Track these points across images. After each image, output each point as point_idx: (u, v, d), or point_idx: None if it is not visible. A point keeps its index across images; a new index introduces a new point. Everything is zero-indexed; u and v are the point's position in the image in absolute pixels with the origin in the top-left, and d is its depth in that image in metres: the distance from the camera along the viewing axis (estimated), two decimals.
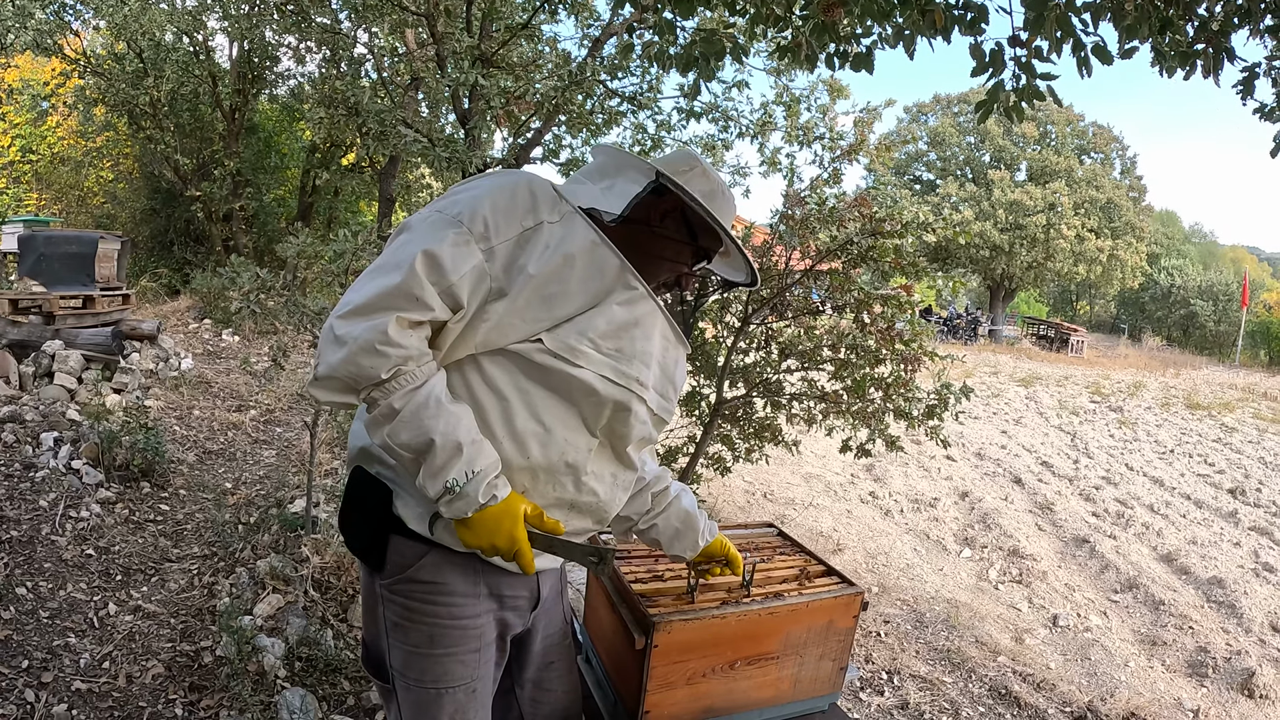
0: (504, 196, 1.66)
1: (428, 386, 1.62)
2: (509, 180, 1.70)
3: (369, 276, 1.62)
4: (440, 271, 1.58)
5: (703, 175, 1.90)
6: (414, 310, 1.58)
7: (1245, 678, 5.13)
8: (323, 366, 1.59)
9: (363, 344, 1.55)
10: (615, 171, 1.87)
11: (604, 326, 1.71)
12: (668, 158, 1.92)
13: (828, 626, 2.27)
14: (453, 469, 1.61)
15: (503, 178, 1.71)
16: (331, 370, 1.58)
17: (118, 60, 13.42)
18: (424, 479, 1.63)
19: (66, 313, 7.65)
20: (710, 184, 1.89)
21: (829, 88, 7.10)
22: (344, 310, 1.59)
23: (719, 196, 1.90)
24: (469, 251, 1.61)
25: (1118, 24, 2.67)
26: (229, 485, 5.83)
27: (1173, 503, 9.22)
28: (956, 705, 4.31)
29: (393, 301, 1.57)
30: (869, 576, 6.07)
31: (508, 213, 1.66)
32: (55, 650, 3.51)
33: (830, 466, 9.25)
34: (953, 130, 34.83)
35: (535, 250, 1.66)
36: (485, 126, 6.51)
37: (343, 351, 1.56)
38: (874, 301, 4.44)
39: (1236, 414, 16.83)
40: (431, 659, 1.80)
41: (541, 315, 1.67)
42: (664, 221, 1.89)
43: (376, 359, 1.55)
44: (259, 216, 16.16)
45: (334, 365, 1.58)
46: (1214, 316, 37.33)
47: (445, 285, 1.59)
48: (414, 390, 1.60)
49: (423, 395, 1.61)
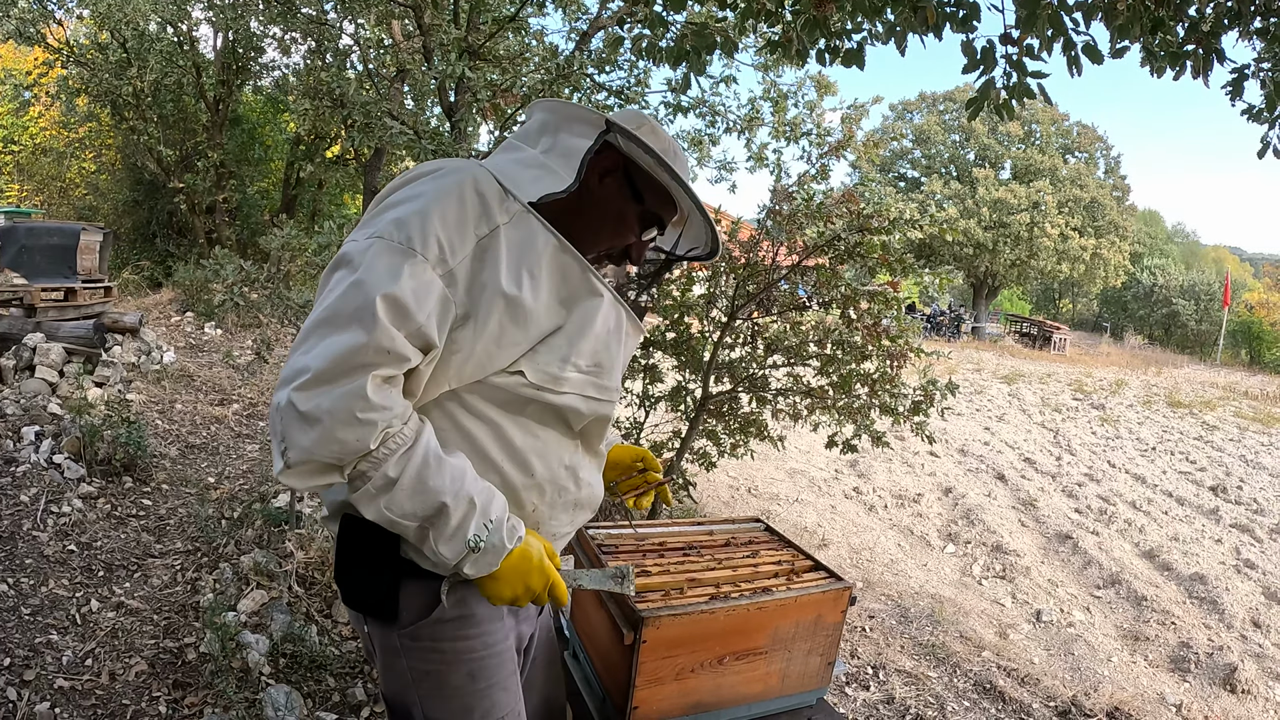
0: (452, 206, 1.48)
1: (422, 444, 1.46)
2: (452, 184, 1.50)
3: (320, 331, 1.41)
4: (406, 315, 1.40)
5: (653, 132, 1.71)
6: (388, 365, 1.40)
7: (1227, 673, 5.17)
8: (294, 451, 1.38)
9: (340, 417, 1.36)
10: (557, 127, 1.67)
11: (588, 349, 1.62)
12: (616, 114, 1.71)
13: (816, 621, 2.27)
14: (471, 525, 1.49)
15: (442, 181, 1.51)
16: (307, 454, 1.38)
17: (101, 50, 13.32)
18: (438, 544, 1.48)
19: (48, 305, 7.60)
20: (663, 141, 1.71)
21: (816, 84, 7.11)
22: (302, 379, 1.37)
23: (674, 155, 1.72)
24: (429, 281, 1.44)
25: (1110, 24, 2.67)
26: (212, 480, 5.79)
27: (1155, 500, 9.28)
28: (942, 700, 4.33)
29: (362, 359, 1.38)
30: (853, 572, 6.08)
31: (459, 224, 1.48)
32: (37, 648, 3.48)
33: (814, 462, 9.26)
34: (938, 128, 34.92)
35: (494, 262, 1.50)
36: (471, 119, 6.49)
37: (316, 430, 1.36)
38: (860, 297, 4.45)
39: (1218, 412, 16.96)
40: (476, 695, 1.68)
41: (517, 338, 1.54)
42: (604, 182, 1.71)
43: (360, 429, 1.37)
44: (242, 209, 16.08)
45: (309, 448, 1.37)
46: (1196, 316, 37.61)
47: (414, 328, 1.42)
48: (408, 452, 1.44)
49: (419, 455, 1.45)
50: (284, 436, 1.38)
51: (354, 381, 1.37)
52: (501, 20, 6.67)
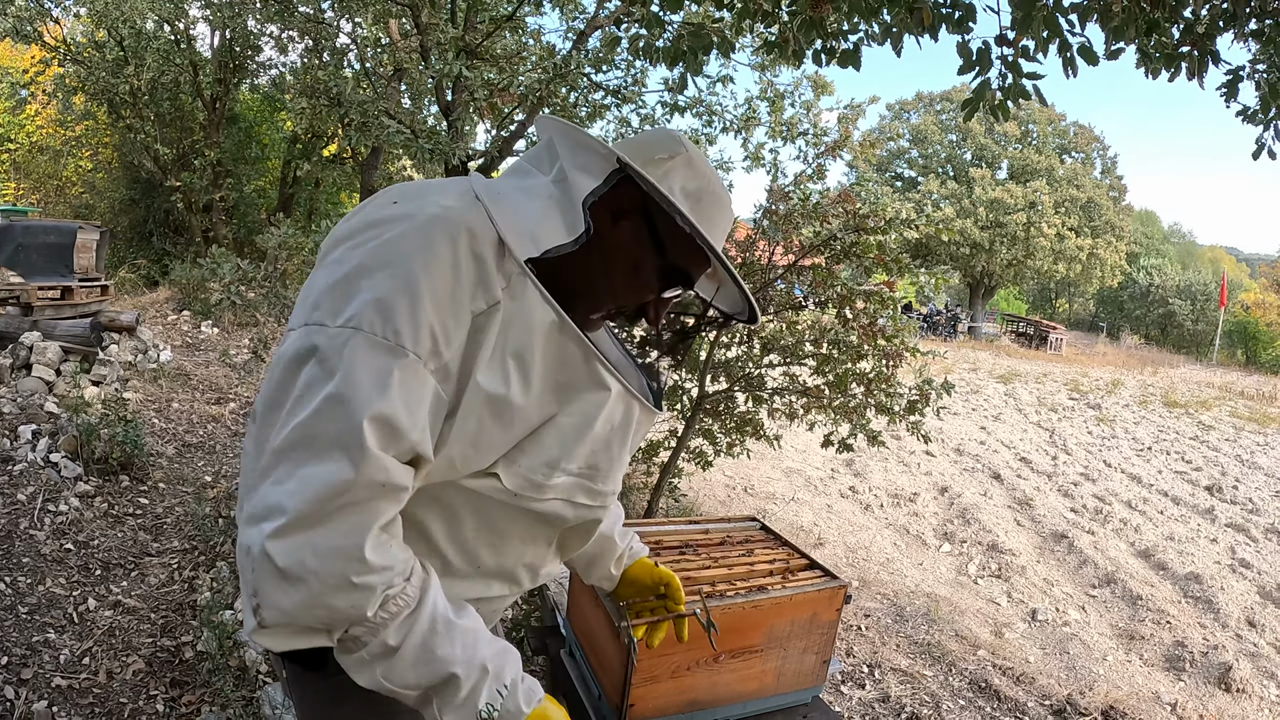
0: (445, 277, 1.17)
1: (428, 606, 1.21)
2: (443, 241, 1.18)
3: (295, 456, 1.12)
4: (398, 434, 1.14)
5: (688, 166, 1.38)
6: (384, 503, 1.15)
7: (1222, 672, 5.19)
8: (271, 612, 1.13)
9: (330, 580, 1.11)
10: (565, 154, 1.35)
11: (583, 452, 1.36)
12: (641, 140, 1.41)
13: (811, 620, 2.28)
14: (484, 694, 1.23)
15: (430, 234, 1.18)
16: (288, 618, 1.13)
17: (98, 48, 13.30)
18: (443, 713, 1.23)
19: (44, 304, 7.58)
20: (699, 179, 1.39)
21: (813, 84, 7.13)
22: (278, 523, 1.09)
23: (709, 198, 1.40)
24: (422, 383, 1.17)
25: (1105, 25, 2.68)
26: (209, 478, 5.79)
27: (1150, 499, 9.30)
28: (937, 698, 4.34)
29: (352, 497, 1.11)
30: (849, 571, 6.10)
31: (453, 302, 1.18)
32: (35, 646, 3.48)
33: (811, 461, 9.28)
34: (935, 128, 34.95)
35: (486, 348, 1.21)
36: (468, 118, 6.50)
37: (299, 591, 1.11)
38: (856, 297, 4.46)
39: (1214, 412, 17.00)
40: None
41: (496, 440, 1.27)
42: (619, 225, 1.37)
43: (356, 595, 1.13)
44: (239, 207, 16.07)
45: (290, 611, 1.12)
46: (1192, 316, 37.69)
47: (407, 446, 1.16)
48: (412, 616, 1.19)
49: (425, 619, 1.20)
50: (256, 591, 1.13)
51: (344, 532, 1.12)
52: (499, 19, 6.68)
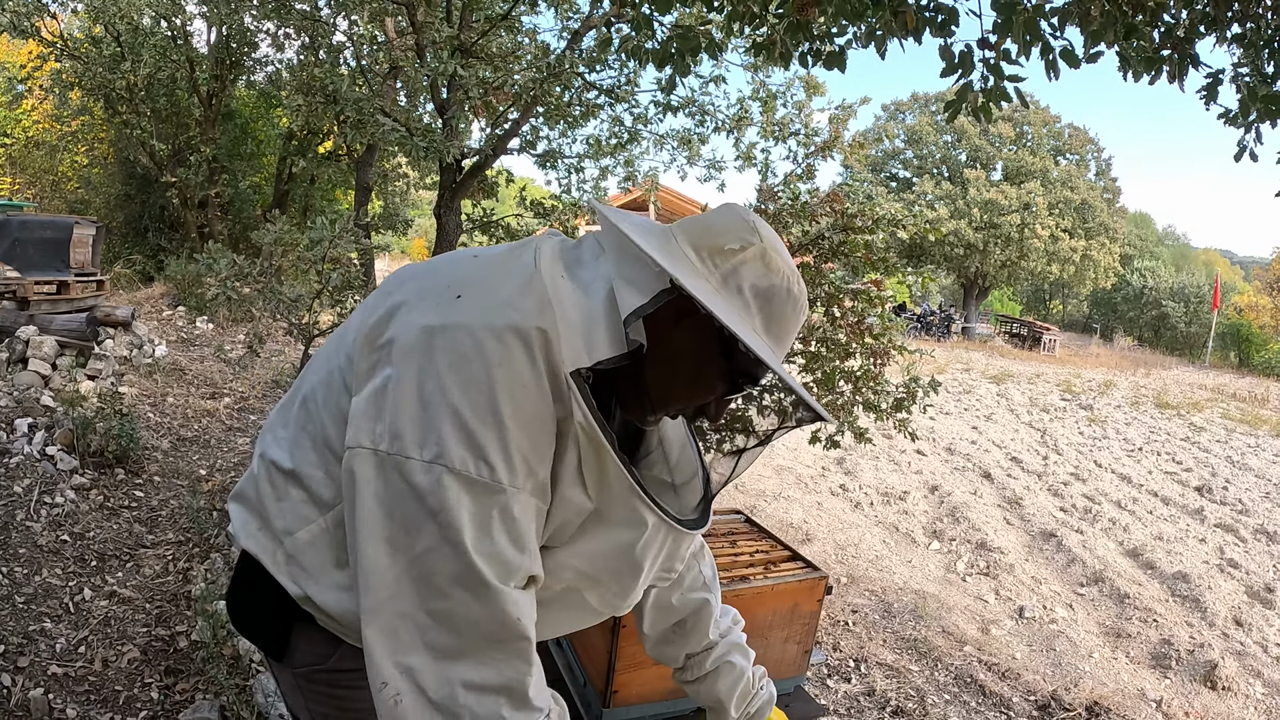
0: (530, 396, 1.13)
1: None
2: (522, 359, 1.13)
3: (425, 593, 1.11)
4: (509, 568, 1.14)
5: (760, 259, 1.27)
6: (524, 641, 1.15)
7: (1208, 670, 5.23)
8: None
9: (485, 716, 1.11)
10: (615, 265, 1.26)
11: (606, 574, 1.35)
12: (711, 223, 1.30)
13: (792, 610, 2.33)
14: None
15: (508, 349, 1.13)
16: None
17: (95, 43, 13.29)
18: None
19: (41, 298, 7.61)
20: (771, 274, 1.27)
21: (805, 84, 7.16)
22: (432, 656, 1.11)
23: (781, 298, 1.29)
24: (523, 509, 1.15)
25: (1084, 29, 2.73)
26: (203, 472, 5.82)
27: (1140, 499, 9.35)
28: (923, 693, 4.39)
29: (494, 636, 1.13)
30: (838, 567, 6.13)
31: (540, 419, 1.15)
32: (31, 635, 3.52)
33: (801, 459, 9.31)
34: (930, 129, 34.98)
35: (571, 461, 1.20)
36: (463, 116, 6.54)
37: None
38: (844, 296, 4.50)
39: (1205, 414, 17.06)
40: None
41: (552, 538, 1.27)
42: (681, 324, 1.28)
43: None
44: (234, 203, 16.05)
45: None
46: (1185, 318, 37.75)
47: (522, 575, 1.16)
48: None
49: None
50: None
51: (497, 671, 1.13)
52: (494, 19, 6.71)
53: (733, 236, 1.26)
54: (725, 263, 1.25)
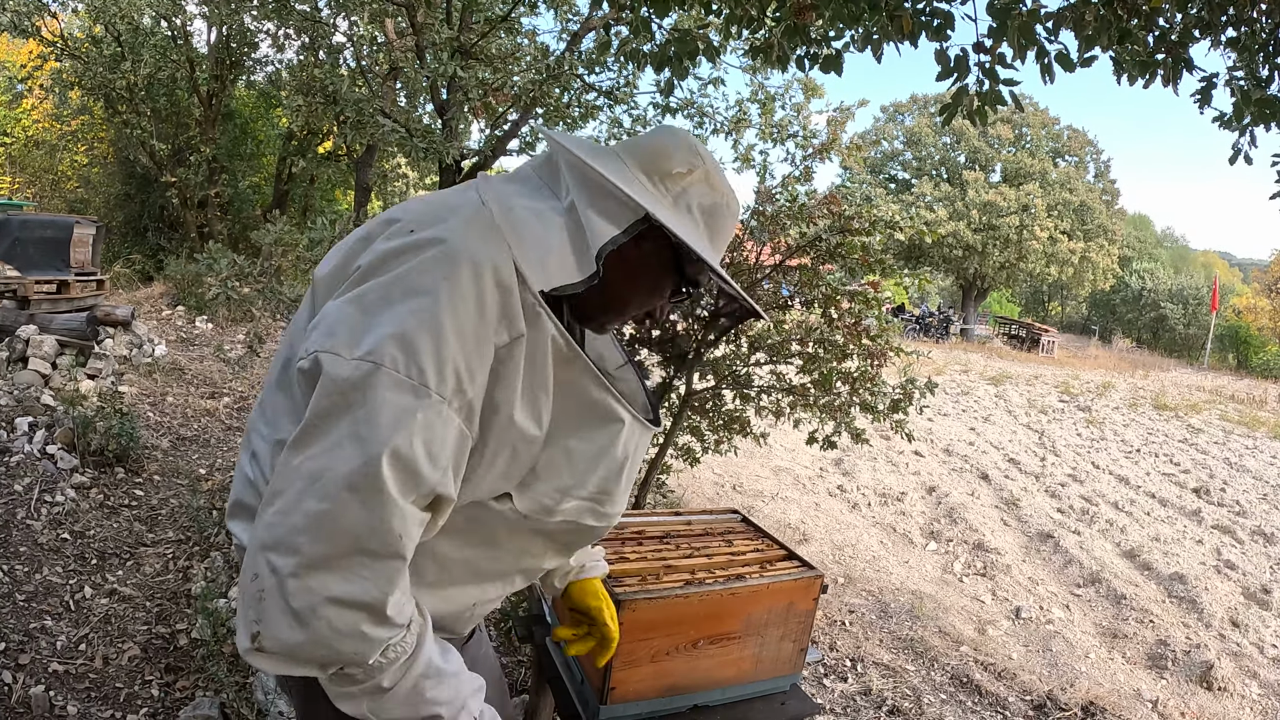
0: (470, 314, 1.16)
1: (424, 653, 1.25)
2: (467, 277, 1.17)
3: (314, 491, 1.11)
4: (417, 478, 1.13)
5: (705, 181, 1.43)
6: (402, 561, 1.16)
7: (1204, 670, 5.24)
8: (270, 641, 1.12)
9: (342, 629, 1.12)
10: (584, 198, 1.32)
11: (596, 479, 1.38)
12: (657, 147, 1.42)
13: (788, 608, 2.34)
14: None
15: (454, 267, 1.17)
16: (288, 651, 1.13)
17: (95, 43, 13.31)
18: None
19: (41, 297, 7.63)
20: (714, 193, 1.44)
21: (804, 86, 7.18)
22: (294, 562, 1.10)
23: (722, 213, 1.46)
24: (445, 424, 1.16)
25: (1078, 33, 2.75)
26: (203, 471, 5.84)
27: (1137, 500, 9.37)
28: (918, 692, 4.41)
29: (369, 548, 1.12)
30: (835, 568, 6.16)
31: (478, 340, 1.17)
32: (32, 633, 3.54)
33: (799, 460, 9.33)
34: (928, 130, 34.98)
35: (509, 380, 1.22)
36: (463, 117, 6.55)
37: (305, 632, 1.11)
38: (842, 297, 4.51)
39: (1203, 415, 17.06)
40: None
41: (516, 471, 1.30)
42: (641, 246, 1.39)
43: (363, 645, 1.15)
44: (234, 203, 16.09)
45: (292, 647, 1.12)
46: (1184, 320, 37.74)
47: (427, 490, 1.15)
48: (408, 662, 1.22)
49: (420, 666, 1.24)
50: (260, 616, 1.12)
51: (365, 586, 1.13)
52: (493, 20, 6.73)
53: (680, 160, 1.40)
54: (675, 185, 1.39)
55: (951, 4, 2.84)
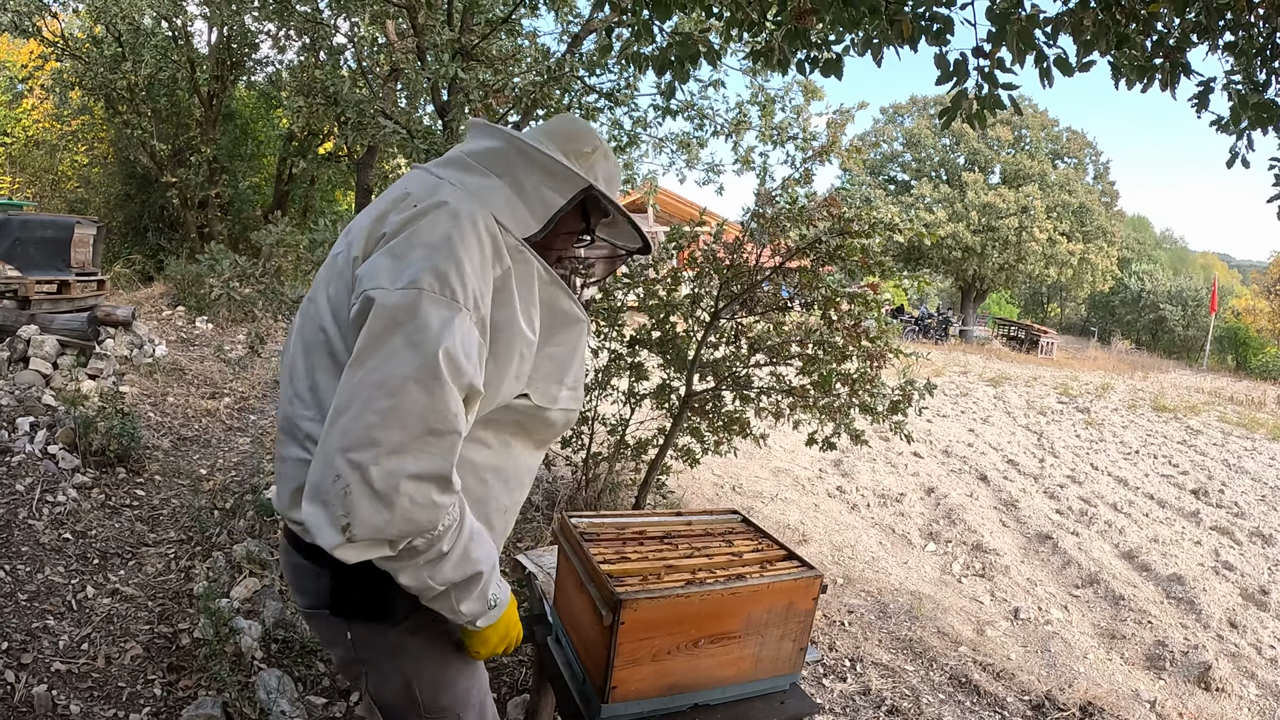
0: (475, 252, 1.51)
1: (468, 518, 1.54)
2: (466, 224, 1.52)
3: (374, 392, 1.38)
4: (459, 370, 1.43)
5: (605, 157, 1.86)
6: (457, 433, 1.44)
7: (1202, 671, 5.24)
8: (361, 528, 1.36)
9: (420, 500, 1.39)
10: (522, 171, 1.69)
11: (575, 370, 1.78)
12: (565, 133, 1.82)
13: (788, 608, 2.36)
14: (493, 586, 1.61)
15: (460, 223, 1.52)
16: (379, 532, 1.38)
17: (96, 43, 13.33)
18: (461, 604, 1.57)
19: (42, 298, 7.65)
20: (611, 164, 1.88)
21: (804, 89, 7.18)
22: (375, 451, 1.35)
23: (617, 175, 1.92)
24: (472, 334, 1.48)
25: (1076, 38, 2.77)
26: (204, 471, 5.86)
27: (1136, 502, 9.37)
28: (917, 692, 4.42)
29: (435, 426, 1.40)
30: (834, 568, 6.16)
31: (483, 271, 1.52)
32: (34, 632, 3.56)
33: (799, 461, 9.34)
34: (928, 132, 35.02)
35: (508, 303, 1.57)
36: (464, 119, 6.54)
37: (390, 511, 1.36)
38: (841, 299, 4.53)
39: (1202, 417, 17.07)
40: (465, 672, 1.82)
41: (525, 370, 1.64)
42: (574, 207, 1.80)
43: (435, 512, 1.41)
44: (234, 204, 16.10)
45: (380, 526, 1.37)
46: (1183, 321, 37.76)
47: (466, 382, 1.45)
48: (459, 528, 1.49)
49: (467, 530, 1.52)
50: (348, 509, 1.35)
51: (433, 459, 1.40)
52: (494, 22, 6.74)
53: (586, 142, 1.83)
54: (586, 161, 1.80)
55: (951, 9, 2.85)
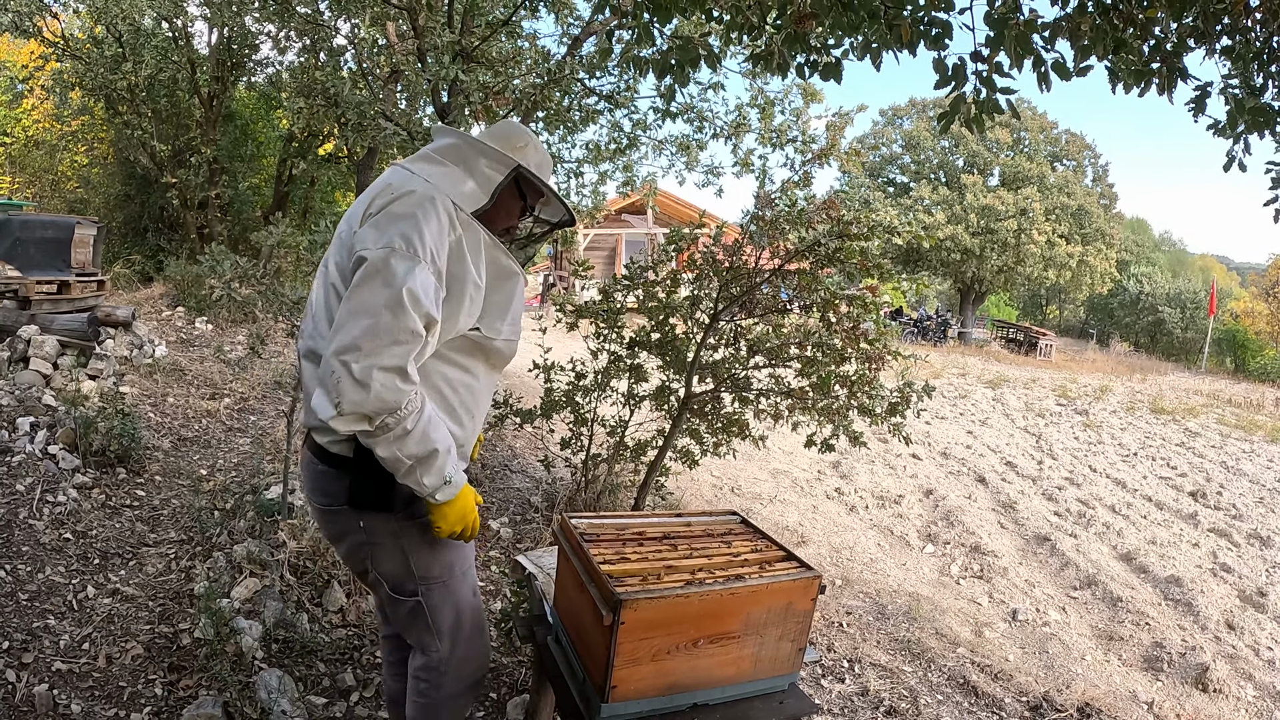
0: (433, 223, 2.09)
1: (427, 407, 2.07)
2: (428, 204, 2.11)
3: (363, 315, 1.97)
4: (418, 303, 1.99)
5: (535, 148, 2.45)
6: (414, 343, 2.00)
7: (1199, 672, 5.26)
8: (347, 404, 1.94)
9: (387, 385, 1.95)
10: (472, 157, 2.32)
11: (513, 312, 2.33)
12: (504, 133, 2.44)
13: (787, 608, 2.38)
14: (449, 465, 2.10)
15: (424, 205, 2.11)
16: (358, 407, 1.94)
17: (96, 44, 13.32)
18: (424, 477, 2.07)
19: (42, 298, 7.65)
20: (540, 154, 2.47)
21: (803, 91, 7.17)
22: (355, 352, 1.94)
23: (546, 161, 2.50)
24: (429, 279, 2.04)
25: (1074, 43, 2.79)
26: (204, 472, 5.87)
27: (1134, 504, 9.38)
28: (915, 693, 4.43)
29: (398, 338, 1.96)
30: (833, 570, 6.18)
31: (439, 237, 2.10)
32: (35, 632, 3.57)
33: (797, 463, 9.36)
34: (927, 134, 35.02)
35: (460, 259, 2.16)
36: (463, 120, 6.55)
37: (366, 392, 1.93)
38: (840, 301, 4.54)
39: (1200, 419, 17.08)
40: (452, 549, 2.40)
41: (475, 310, 2.22)
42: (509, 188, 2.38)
43: (398, 394, 1.96)
44: (234, 204, 16.08)
45: (359, 403, 1.94)
46: (1181, 323, 37.73)
47: (424, 311, 2.01)
48: (419, 412, 2.03)
49: (426, 414, 2.06)
50: (339, 393, 1.94)
51: (396, 357, 1.96)
52: (495, 24, 6.75)
53: (519, 138, 2.43)
54: (520, 151, 2.40)
55: (950, 13, 2.86)
